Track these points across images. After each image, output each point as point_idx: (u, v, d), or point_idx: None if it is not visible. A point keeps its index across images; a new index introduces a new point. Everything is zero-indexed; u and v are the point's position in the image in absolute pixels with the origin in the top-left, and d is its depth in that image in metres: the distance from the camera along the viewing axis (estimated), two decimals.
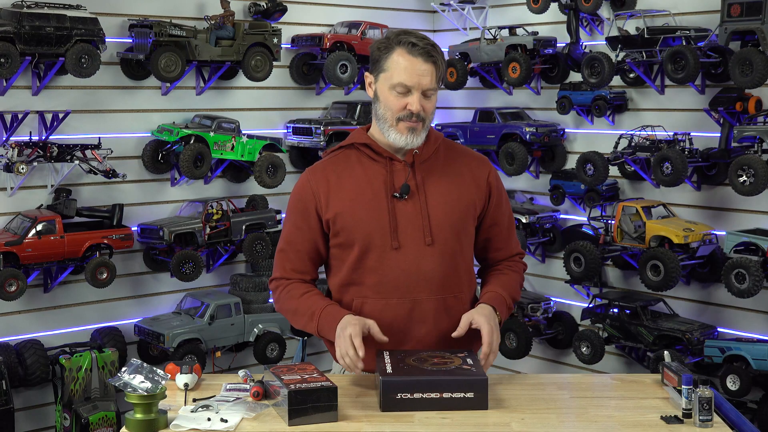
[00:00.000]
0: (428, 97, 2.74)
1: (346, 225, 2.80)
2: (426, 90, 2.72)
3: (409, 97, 2.72)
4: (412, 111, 2.72)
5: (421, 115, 2.73)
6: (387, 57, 2.73)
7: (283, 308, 2.90)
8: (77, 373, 4.83)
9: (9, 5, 4.84)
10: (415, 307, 2.79)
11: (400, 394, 2.43)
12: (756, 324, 5.19)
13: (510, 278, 2.93)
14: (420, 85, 2.71)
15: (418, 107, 2.72)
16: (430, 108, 2.76)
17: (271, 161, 5.68)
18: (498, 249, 2.97)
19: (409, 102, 2.72)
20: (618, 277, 5.90)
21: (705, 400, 2.35)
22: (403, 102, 2.73)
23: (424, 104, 2.73)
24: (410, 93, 2.72)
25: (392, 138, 2.77)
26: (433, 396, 2.43)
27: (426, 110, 2.74)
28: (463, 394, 2.45)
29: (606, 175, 5.53)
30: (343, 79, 5.94)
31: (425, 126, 2.77)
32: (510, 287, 2.90)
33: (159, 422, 2.36)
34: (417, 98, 2.72)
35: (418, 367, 2.52)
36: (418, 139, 2.76)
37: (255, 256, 5.61)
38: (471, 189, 2.87)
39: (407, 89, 2.72)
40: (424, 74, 2.70)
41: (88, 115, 5.28)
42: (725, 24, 4.86)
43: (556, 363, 6.28)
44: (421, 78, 2.70)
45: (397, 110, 2.74)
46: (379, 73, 2.76)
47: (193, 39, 5.40)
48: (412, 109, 2.72)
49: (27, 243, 4.81)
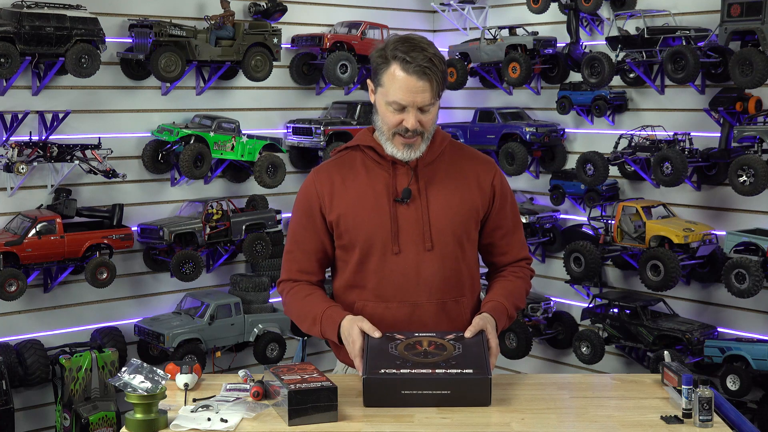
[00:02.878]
0: (426, 111, 2.71)
1: (348, 227, 2.80)
2: (422, 106, 2.69)
3: (405, 114, 2.70)
4: (408, 128, 2.70)
5: (418, 131, 2.72)
6: (384, 71, 2.70)
7: (290, 312, 2.91)
8: (77, 373, 4.82)
9: (9, 5, 4.84)
10: (415, 311, 2.79)
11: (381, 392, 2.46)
12: (756, 324, 5.19)
13: (514, 285, 2.91)
14: (415, 103, 2.68)
15: (414, 124, 2.69)
16: (429, 121, 2.73)
17: (271, 161, 5.68)
18: (502, 253, 2.95)
19: (405, 119, 2.70)
20: (618, 277, 5.90)
21: (705, 400, 2.35)
22: (398, 118, 2.71)
23: (421, 119, 2.70)
24: (405, 110, 2.70)
25: (389, 150, 2.77)
26: (437, 393, 2.45)
27: (424, 124, 2.72)
28: (461, 370, 2.47)
29: (606, 175, 5.53)
30: (343, 79, 5.94)
31: (425, 138, 2.76)
32: (513, 295, 2.88)
33: (159, 422, 2.36)
34: (413, 115, 2.69)
35: (418, 361, 2.53)
36: (416, 152, 2.76)
37: (255, 256, 5.61)
38: (474, 193, 2.86)
39: (402, 107, 2.69)
40: (418, 92, 2.66)
41: (88, 115, 5.28)
42: (725, 24, 4.86)
43: (556, 363, 6.28)
44: (416, 96, 2.67)
45: (393, 126, 2.72)
46: (377, 86, 2.75)
47: (193, 39, 5.40)
48: (407, 125, 2.70)
49: (27, 243, 4.81)
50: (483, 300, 2.88)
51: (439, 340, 2.63)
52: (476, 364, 2.50)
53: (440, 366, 2.49)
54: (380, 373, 2.47)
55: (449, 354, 2.55)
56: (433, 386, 2.45)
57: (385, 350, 2.56)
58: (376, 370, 2.48)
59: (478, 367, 2.49)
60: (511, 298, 2.86)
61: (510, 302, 2.84)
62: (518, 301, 2.90)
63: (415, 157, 2.77)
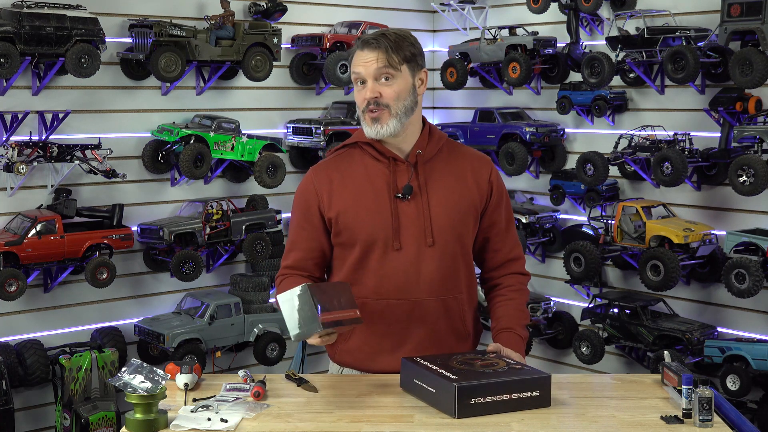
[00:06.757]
0: (386, 82, 2.76)
1: (348, 224, 2.80)
2: (378, 75, 2.75)
3: (365, 87, 2.77)
4: (367, 99, 2.75)
5: (380, 102, 2.75)
6: (352, 59, 2.82)
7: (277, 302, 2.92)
8: (77, 373, 4.83)
9: (9, 5, 4.84)
10: (415, 308, 2.80)
11: (473, 399, 2.39)
12: (756, 324, 5.19)
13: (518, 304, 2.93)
14: (369, 72, 2.75)
15: (371, 94, 2.75)
16: (390, 93, 2.76)
17: (271, 161, 5.68)
18: (495, 250, 2.96)
19: (365, 92, 2.77)
20: (618, 277, 5.90)
21: (705, 400, 2.35)
22: (363, 94, 2.78)
23: (380, 89, 2.75)
24: (366, 83, 2.77)
25: (366, 131, 2.82)
26: (503, 398, 2.42)
27: (385, 95, 2.76)
28: (530, 393, 2.45)
29: (606, 175, 5.53)
30: (343, 79, 5.93)
31: (393, 113, 2.78)
32: (522, 317, 2.91)
33: (159, 422, 2.36)
34: (370, 85, 2.76)
35: (478, 371, 2.50)
36: (384, 128, 2.78)
37: (255, 256, 5.61)
38: (473, 190, 2.87)
39: (362, 79, 2.77)
40: (368, 60, 2.75)
41: (88, 115, 5.28)
42: (725, 24, 4.86)
43: (556, 363, 6.28)
44: (368, 64, 2.75)
45: (361, 102, 2.79)
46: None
47: (193, 39, 5.40)
48: (365, 97, 2.76)
49: (27, 243, 4.81)
50: (493, 325, 2.90)
51: (473, 357, 2.63)
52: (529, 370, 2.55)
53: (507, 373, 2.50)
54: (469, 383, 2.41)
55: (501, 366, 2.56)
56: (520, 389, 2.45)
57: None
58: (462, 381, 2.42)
59: (533, 371, 2.54)
60: (521, 320, 2.90)
61: (521, 327, 2.88)
62: (526, 319, 2.95)
63: (386, 133, 2.78)
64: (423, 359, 2.58)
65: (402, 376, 2.60)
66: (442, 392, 2.41)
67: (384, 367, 2.80)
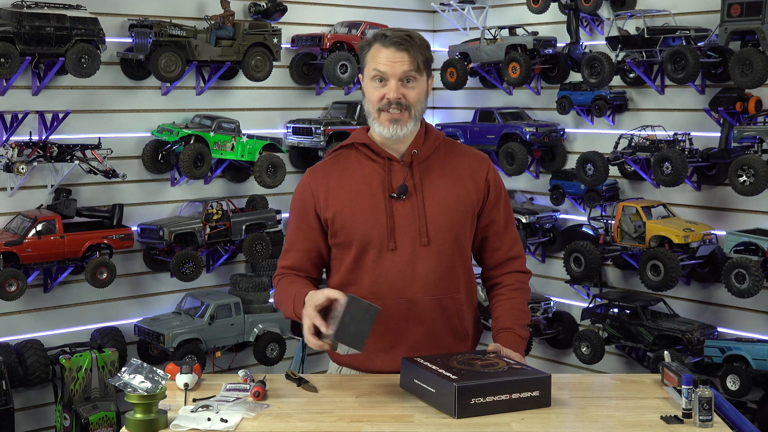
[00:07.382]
0: (409, 84, 2.75)
1: (344, 225, 2.80)
2: (403, 76, 2.73)
3: (387, 88, 2.74)
4: (390, 99, 2.73)
5: (402, 103, 2.74)
6: (367, 53, 2.78)
7: (275, 302, 2.93)
8: (77, 373, 4.82)
9: (9, 5, 4.84)
10: (411, 308, 2.80)
11: (474, 399, 2.39)
12: (756, 324, 5.19)
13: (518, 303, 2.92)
14: (394, 72, 2.72)
15: (396, 95, 2.73)
16: (414, 96, 2.75)
17: (271, 161, 5.68)
18: (495, 249, 2.96)
19: (386, 91, 2.73)
20: (618, 277, 5.90)
21: (705, 400, 2.35)
22: (381, 92, 2.74)
23: (404, 92, 2.74)
24: (387, 82, 2.74)
25: (377, 131, 2.79)
26: (503, 398, 2.42)
27: (408, 98, 2.75)
28: (530, 393, 2.45)
29: (606, 175, 5.53)
30: (343, 79, 5.93)
31: (412, 116, 2.77)
32: (521, 316, 2.91)
33: (159, 422, 2.36)
34: (394, 85, 2.73)
35: (478, 371, 2.49)
36: (403, 129, 2.77)
37: (255, 256, 5.61)
38: (470, 189, 2.86)
39: (383, 77, 2.73)
40: (397, 60, 2.72)
41: (88, 115, 5.28)
42: (725, 24, 4.86)
43: (556, 363, 6.28)
44: (395, 64, 2.72)
45: (377, 101, 2.75)
46: (362, 70, 2.82)
47: (193, 39, 5.40)
48: (389, 97, 2.73)
49: (27, 243, 4.81)
50: (493, 325, 2.90)
51: (473, 357, 2.62)
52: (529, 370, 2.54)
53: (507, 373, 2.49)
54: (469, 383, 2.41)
55: (500, 366, 2.55)
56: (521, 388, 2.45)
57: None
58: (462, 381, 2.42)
59: (533, 371, 2.54)
60: (521, 319, 2.89)
61: (522, 327, 2.87)
62: (527, 318, 2.94)
63: (403, 134, 2.78)
64: (423, 359, 2.58)
65: (402, 376, 2.60)
66: (442, 392, 2.41)
67: (382, 366, 2.80)
